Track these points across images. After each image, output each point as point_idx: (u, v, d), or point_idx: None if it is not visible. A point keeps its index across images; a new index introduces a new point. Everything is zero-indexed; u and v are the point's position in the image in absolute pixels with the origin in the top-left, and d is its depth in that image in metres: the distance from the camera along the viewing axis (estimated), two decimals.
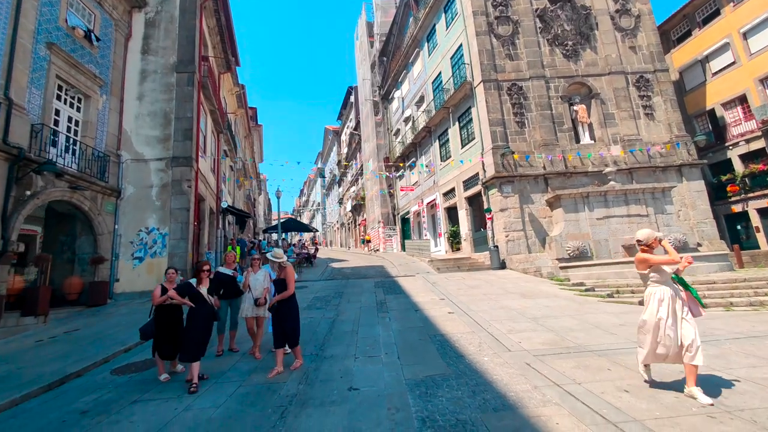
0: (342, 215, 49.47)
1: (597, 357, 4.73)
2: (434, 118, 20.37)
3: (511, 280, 11.68)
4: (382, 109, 31.38)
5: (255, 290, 5.58)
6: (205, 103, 15.40)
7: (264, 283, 5.62)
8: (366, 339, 6.24)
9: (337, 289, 11.91)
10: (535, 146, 15.69)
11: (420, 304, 8.78)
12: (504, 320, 6.87)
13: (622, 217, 13.95)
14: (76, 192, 10.49)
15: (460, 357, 5.04)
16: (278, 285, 5.02)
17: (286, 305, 4.94)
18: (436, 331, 6.46)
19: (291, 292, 4.95)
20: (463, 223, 18.20)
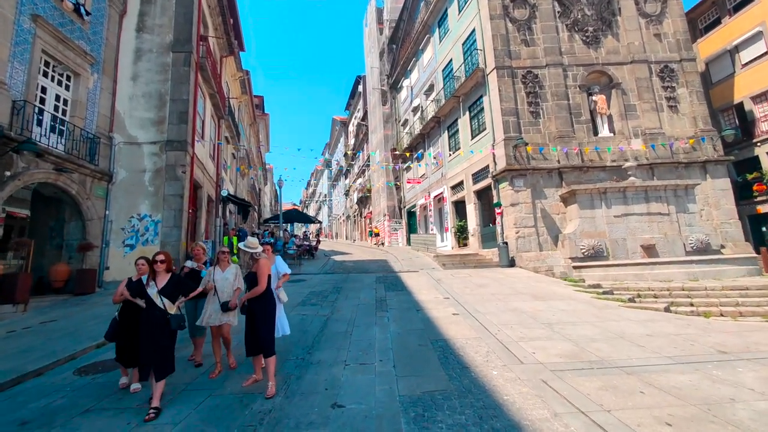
0: (348, 207, 48.89)
1: (626, 375, 4.01)
2: (444, 107, 19.53)
3: (521, 280, 10.95)
4: (390, 99, 30.53)
5: (222, 292, 4.60)
6: (204, 85, 14.76)
7: (234, 283, 4.70)
8: (360, 342, 5.59)
9: (336, 283, 11.29)
10: (549, 138, 14.82)
11: (422, 303, 8.11)
12: (514, 325, 6.17)
13: (641, 215, 13.11)
14: (62, 174, 9.95)
15: (465, 369, 4.37)
16: (249, 281, 4.27)
17: (258, 306, 4.16)
18: (438, 335, 5.79)
19: (262, 288, 4.15)
20: (471, 217, 17.44)
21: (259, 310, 4.15)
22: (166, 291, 4.02)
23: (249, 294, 4.16)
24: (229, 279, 4.71)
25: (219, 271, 4.73)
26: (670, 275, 11.32)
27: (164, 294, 3.98)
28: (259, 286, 4.13)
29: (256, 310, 4.13)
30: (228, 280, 4.70)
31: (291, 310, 7.87)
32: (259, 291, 4.14)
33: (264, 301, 4.21)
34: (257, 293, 4.14)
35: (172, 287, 4.10)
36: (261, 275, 4.17)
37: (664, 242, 12.81)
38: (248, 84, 26.71)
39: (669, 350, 4.77)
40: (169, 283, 4.11)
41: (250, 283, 4.21)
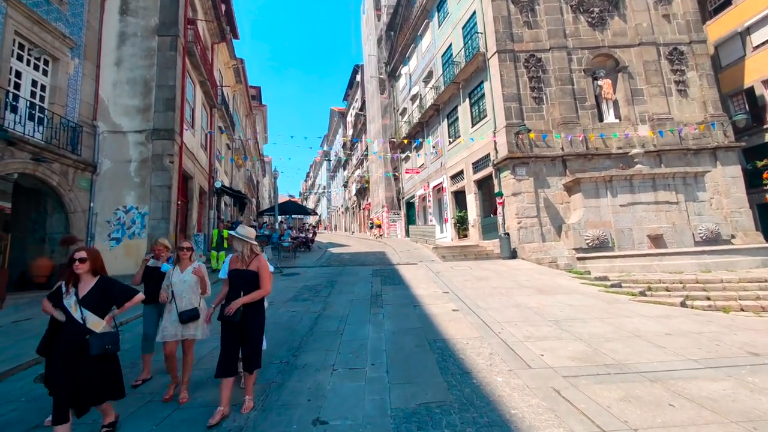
0: (347, 199, 48.36)
1: (649, 383, 3.55)
2: (443, 94, 18.89)
3: (523, 272, 10.48)
4: (388, 87, 29.80)
5: (180, 298, 3.78)
6: (193, 72, 14.14)
7: (195, 288, 3.89)
8: (351, 343, 5.13)
9: (331, 277, 10.84)
10: (553, 125, 14.24)
11: (420, 298, 7.65)
12: (519, 322, 5.71)
13: (648, 204, 12.59)
14: (40, 164, 9.43)
15: (466, 375, 3.91)
16: (245, 280, 3.44)
17: (254, 312, 3.45)
18: (436, 334, 5.33)
19: (268, 291, 3.54)
20: (471, 208, 16.93)
21: (253, 318, 3.44)
22: (90, 301, 2.95)
23: (248, 297, 3.38)
24: (189, 282, 3.86)
25: (177, 272, 3.89)
26: (680, 266, 10.85)
27: (86, 305, 2.92)
28: (263, 288, 3.47)
29: (248, 319, 3.39)
30: (187, 283, 3.85)
31: (281, 307, 7.42)
32: (263, 294, 3.52)
33: (259, 307, 3.57)
34: (258, 298, 3.47)
35: (98, 296, 3.00)
36: (267, 276, 3.52)
37: (672, 232, 12.32)
38: (243, 73, 26.02)
39: (693, 351, 4.30)
40: (95, 290, 3.00)
41: (248, 283, 3.43)
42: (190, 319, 3.73)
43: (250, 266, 3.49)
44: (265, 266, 3.53)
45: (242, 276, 3.45)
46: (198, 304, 3.89)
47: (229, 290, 3.47)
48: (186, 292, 3.84)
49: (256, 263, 3.51)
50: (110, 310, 3.08)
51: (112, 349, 2.96)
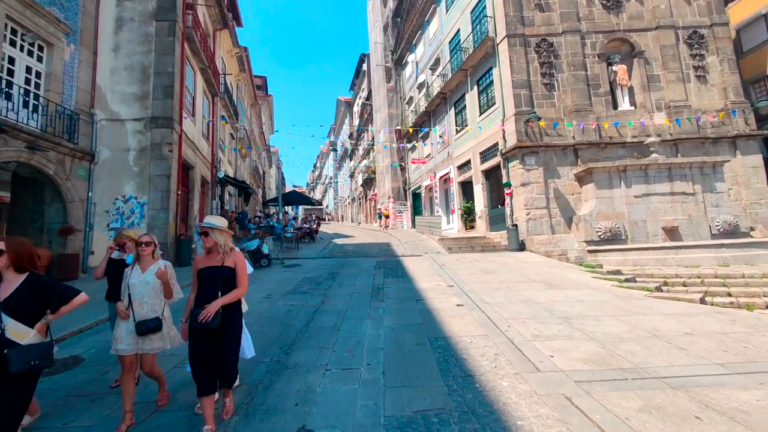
0: (353, 190, 48.06)
1: (672, 391, 3.20)
2: (450, 82, 18.34)
3: (532, 265, 10.10)
4: (394, 76, 29.21)
5: (140, 303, 3.14)
6: (193, 58, 13.81)
7: (160, 292, 3.25)
8: (348, 340, 4.84)
9: (332, 268, 10.57)
10: (565, 112, 13.69)
11: (423, 292, 7.34)
12: (527, 319, 5.37)
13: (664, 195, 12.07)
14: (35, 153, 9.23)
15: (469, 378, 3.59)
16: (224, 279, 2.92)
17: (232, 317, 2.95)
18: (438, 331, 5.02)
19: (244, 291, 3.06)
20: (478, 198, 16.50)
21: (231, 323, 2.92)
22: (13, 304, 2.34)
23: (228, 297, 2.88)
24: (151, 284, 3.21)
25: (137, 272, 3.23)
26: (697, 260, 10.38)
27: (9, 310, 2.31)
28: (242, 286, 3.02)
29: (226, 324, 2.88)
30: (149, 286, 3.19)
31: (278, 300, 7.17)
32: (240, 295, 3.03)
33: (237, 310, 3.06)
34: (236, 299, 2.99)
35: (25, 298, 2.38)
36: (245, 272, 3.08)
37: (687, 224, 11.81)
38: (247, 61, 25.61)
39: (718, 355, 3.93)
40: (20, 291, 2.37)
41: (226, 282, 2.93)
42: (150, 331, 3.09)
43: (228, 261, 2.99)
44: (243, 262, 3.10)
45: (219, 274, 2.93)
46: (161, 312, 3.23)
47: (202, 291, 2.91)
48: (147, 296, 3.19)
49: (233, 258, 3.03)
50: (44, 316, 2.46)
51: (40, 364, 2.32)
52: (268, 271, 10.70)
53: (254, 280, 9.30)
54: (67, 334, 5.52)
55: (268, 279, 9.43)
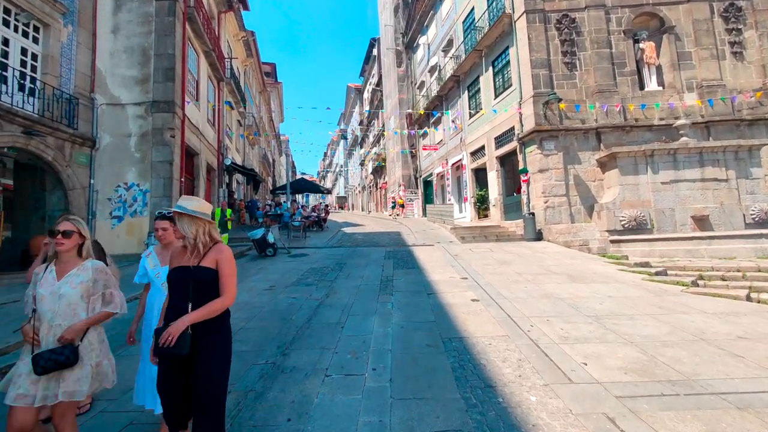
0: (363, 178, 47.53)
1: (737, 412, 2.65)
2: (464, 64, 17.50)
3: (551, 256, 9.50)
4: (405, 60, 28.30)
5: (49, 325, 2.17)
6: (196, 40, 13.32)
7: (78, 309, 2.23)
8: (352, 339, 4.39)
9: (340, 258, 10.13)
10: (587, 93, 12.85)
11: (435, 285, 6.84)
12: (551, 317, 4.83)
13: (694, 182, 11.25)
14: (33, 138, 8.91)
15: (489, 389, 3.10)
16: (197, 284, 2.09)
17: (212, 339, 2.09)
18: (452, 331, 4.52)
19: (230, 301, 2.14)
20: (492, 186, 15.82)
21: (210, 348, 2.06)
22: None
23: (202, 312, 2.01)
24: (68, 298, 2.19)
25: (50, 277, 2.23)
26: (732, 251, 9.65)
27: None
28: (226, 295, 2.11)
29: (203, 349, 2.03)
30: (64, 300, 2.18)
31: (281, 292, 6.75)
32: (225, 307, 2.11)
33: (221, 328, 2.15)
34: (216, 312, 2.07)
35: None
36: (231, 275, 2.15)
37: (719, 213, 11.00)
38: (254, 46, 25.04)
39: None
40: None
41: (200, 289, 2.07)
42: (56, 368, 2.04)
43: (206, 260, 2.11)
44: (230, 260, 2.16)
45: (191, 277, 2.07)
46: (80, 339, 2.20)
47: (170, 301, 2.15)
48: (61, 315, 2.17)
49: (215, 255, 2.13)
50: None
51: None
52: (274, 260, 10.32)
53: (258, 271, 8.94)
54: None
55: (272, 269, 9.04)
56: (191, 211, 2.13)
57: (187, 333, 1.97)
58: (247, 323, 5.12)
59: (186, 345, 1.96)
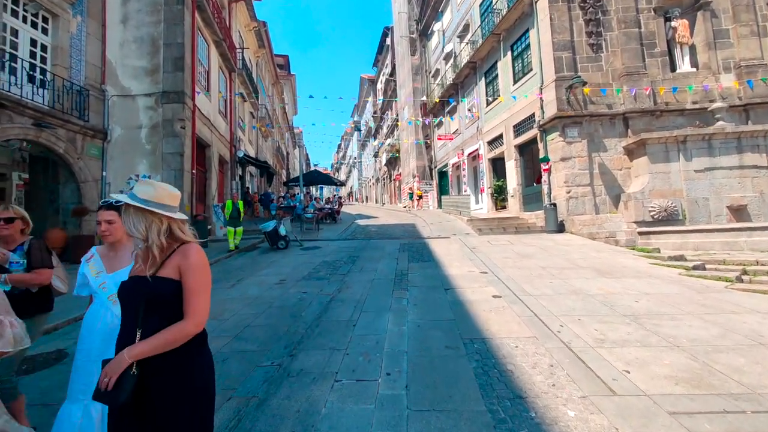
0: (377, 170, 47.13)
1: None
2: (481, 49, 16.83)
3: (575, 248, 8.99)
4: (419, 48, 27.61)
5: None
6: (206, 30, 13.08)
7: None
8: (365, 339, 4.07)
9: (353, 252, 9.83)
10: (613, 77, 12.12)
11: (453, 280, 6.46)
12: (583, 316, 4.41)
13: (731, 169, 10.50)
14: (43, 130, 8.83)
15: (519, 401, 2.73)
16: (150, 301, 1.47)
17: (169, 378, 1.45)
18: (474, 330, 4.15)
19: (200, 324, 1.48)
20: (511, 176, 15.24)
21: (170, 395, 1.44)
22: None
23: (154, 343, 1.41)
24: None
25: None
26: None
27: None
28: (192, 317, 1.46)
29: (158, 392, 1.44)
30: None
31: (291, 287, 6.49)
32: (194, 331, 1.47)
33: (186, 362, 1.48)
34: (173, 342, 1.43)
35: None
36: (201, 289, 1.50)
37: (759, 202, 10.25)
38: (266, 37, 24.77)
39: None
40: None
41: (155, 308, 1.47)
42: None
43: (165, 269, 1.50)
44: (199, 268, 1.51)
45: (144, 292, 1.48)
46: None
47: (121, 326, 1.53)
48: None
49: (179, 261, 1.51)
50: None
51: None
52: (285, 253, 10.10)
53: (269, 264, 8.71)
54: (63, 323, 5.03)
55: (284, 262, 8.80)
56: (141, 202, 1.49)
57: (129, 374, 1.38)
58: (255, 320, 4.86)
59: (124, 391, 1.37)
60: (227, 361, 3.69)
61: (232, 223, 10.68)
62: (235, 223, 10.72)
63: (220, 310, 5.31)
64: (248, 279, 7.25)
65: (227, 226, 10.68)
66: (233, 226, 10.71)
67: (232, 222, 10.68)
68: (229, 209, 10.50)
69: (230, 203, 10.59)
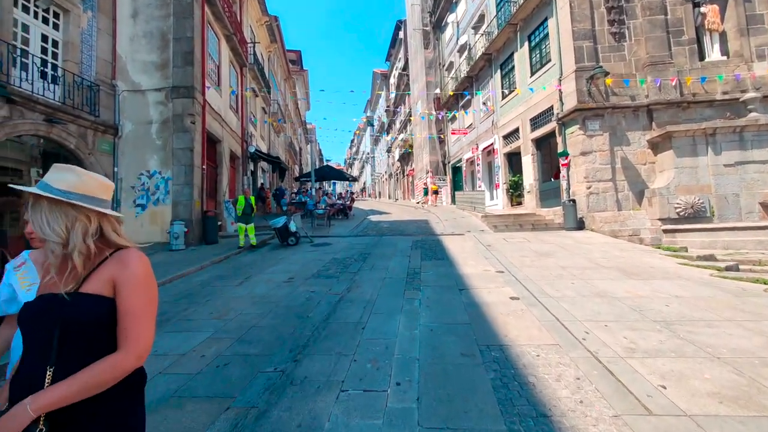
0: (390, 165, 46.82)
1: None
2: (496, 40, 16.33)
3: (597, 247, 8.58)
4: (433, 41, 27.10)
5: None
6: (216, 24, 12.96)
7: None
8: (374, 343, 3.83)
9: (364, 248, 9.61)
10: (637, 67, 11.55)
11: (468, 279, 6.17)
12: (610, 322, 4.08)
13: (764, 164, 9.92)
14: (54, 126, 8.83)
15: (543, 420, 2.45)
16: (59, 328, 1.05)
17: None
18: (491, 336, 3.88)
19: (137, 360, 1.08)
20: (527, 171, 14.77)
21: None
22: None
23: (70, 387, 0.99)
24: None
25: None
26: None
27: None
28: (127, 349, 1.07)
29: None
30: None
31: (300, 285, 6.30)
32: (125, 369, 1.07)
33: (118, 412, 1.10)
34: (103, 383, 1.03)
35: None
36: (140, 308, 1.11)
37: None
38: (278, 32, 24.64)
39: None
40: None
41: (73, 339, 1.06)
42: None
43: (91, 283, 1.10)
44: (143, 279, 1.14)
45: (58, 314, 1.06)
46: None
47: (24, 360, 1.11)
48: None
49: (114, 272, 1.12)
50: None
51: None
52: (295, 250, 9.94)
53: (278, 261, 8.55)
54: None
55: (293, 259, 8.64)
56: (59, 193, 1.09)
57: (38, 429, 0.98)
58: (261, 320, 4.67)
59: None
60: (229, 365, 3.50)
61: (243, 220, 10.28)
62: (246, 220, 10.31)
63: (225, 309, 5.15)
64: (256, 276, 7.09)
65: (238, 222, 10.39)
66: (245, 223, 10.30)
67: (244, 218, 10.29)
68: (242, 205, 10.19)
69: (242, 199, 10.30)
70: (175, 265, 8.06)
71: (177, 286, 6.65)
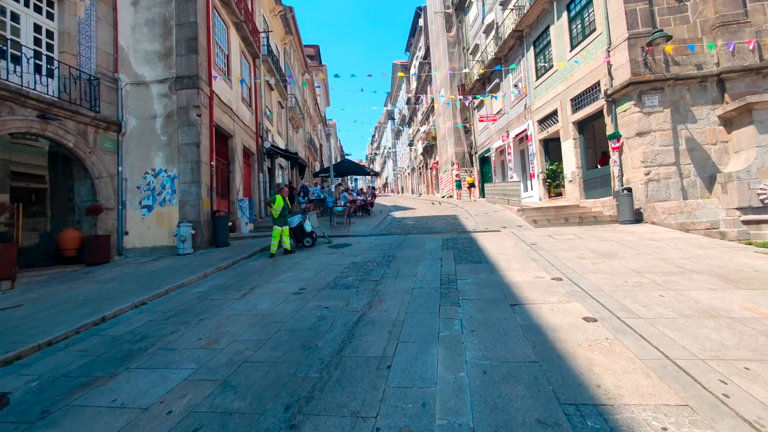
0: (412, 159, 45.48)
1: None
2: (529, 14, 14.76)
3: (668, 244, 7.11)
4: (455, 23, 25.52)
5: None
6: (223, 9, 12.08)
7: None
8: (405, 396, 2.70)
9: (388, 250, 8.48)
10: (704, 29, 9.84)
11: (518, 290, 4.93)
12: (748, 360, 2.79)
13: None
14: (49, 123, 8.13)
15: None
16: None
17: None
18: (576, 387, 2.66)
19: None
20: (568, 158, 13.21)
21: None
22: None
23: None
24: None
25: None
26: None
27: None
28: None
29: None
30: None
31: (311, 299, 5.24)
32: None
33: None
34: None
35: None
36: None
37: None
38: (293, 23, 23.76)
39: None
40: None
41: None
42: None
43: None
44: None
45: None
46: None
47: None
48: None
49: None
50: None
51: None
52: (311, 252, 8.93)
53: (290, 267, 7.54)
54: (26, 350, 4.07)
55: (307, 264, 7.61)
56: None
57: None
58: (256, 352, 3.63)
59: None
60: (200, 430, 2.46)
61: (280, 222, 8.85)
62: (284, 222, 8.92)
63: (217, 334, 4.15)
64: (262, 287, 6.10)
65: (276, 225, 8.84)
66: (281, 225, 8.85)
67: (281, 221, 8.86)
68: (280, 205, 8.80)
69: (280, 198, 8.86)
70: (177, 273, 7.20)
71: (172, 300, 5.74)
